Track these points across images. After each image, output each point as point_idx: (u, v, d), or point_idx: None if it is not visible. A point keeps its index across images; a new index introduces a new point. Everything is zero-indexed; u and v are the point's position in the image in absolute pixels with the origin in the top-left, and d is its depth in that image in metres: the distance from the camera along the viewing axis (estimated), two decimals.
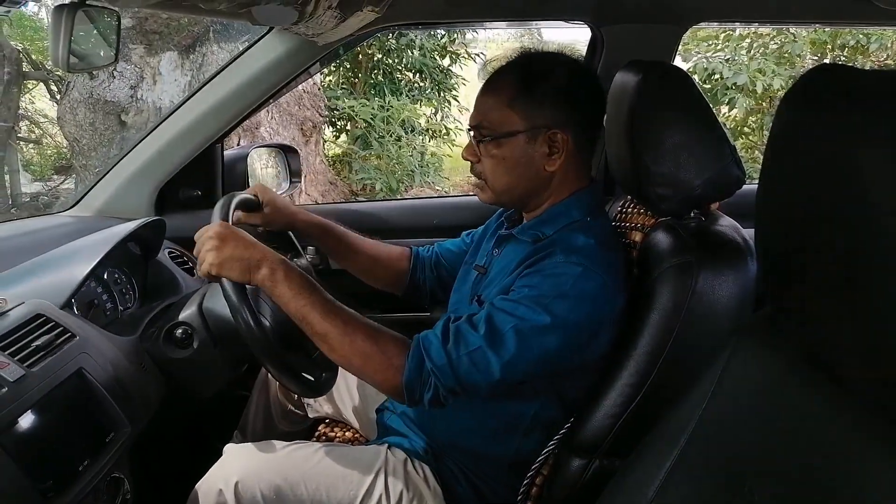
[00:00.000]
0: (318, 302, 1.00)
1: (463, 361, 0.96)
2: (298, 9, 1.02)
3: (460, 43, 6.26)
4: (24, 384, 0.82)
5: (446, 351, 0.97)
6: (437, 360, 0.97)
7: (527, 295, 0.97)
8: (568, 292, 0.96)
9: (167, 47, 3.84)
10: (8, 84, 4.86)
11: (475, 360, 0.96)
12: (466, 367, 0.96)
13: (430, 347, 0.98)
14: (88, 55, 0.91)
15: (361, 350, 0.99)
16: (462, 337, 0.97)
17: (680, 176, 1.04)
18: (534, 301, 0.96)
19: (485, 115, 1.07)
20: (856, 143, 0.50)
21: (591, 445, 1.05)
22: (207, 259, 1.00)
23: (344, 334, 0.99)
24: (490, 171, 1.08)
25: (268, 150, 1.89)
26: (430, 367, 0.97)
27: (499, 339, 0.95)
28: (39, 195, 5.46)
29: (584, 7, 1.49)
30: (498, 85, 1.07)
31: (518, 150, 1.05)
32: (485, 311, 0.99)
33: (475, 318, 0.99)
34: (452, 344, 0.97)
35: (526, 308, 0.96)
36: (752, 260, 1.01)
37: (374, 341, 0.99)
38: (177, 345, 1.10)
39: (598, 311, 0.99)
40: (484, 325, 0.97)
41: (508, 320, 0.96)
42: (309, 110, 4.64)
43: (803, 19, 1.85)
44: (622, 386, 1.02)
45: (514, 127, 1.04)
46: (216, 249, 1.00)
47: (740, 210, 1.11)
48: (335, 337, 0.99)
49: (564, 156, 1.05)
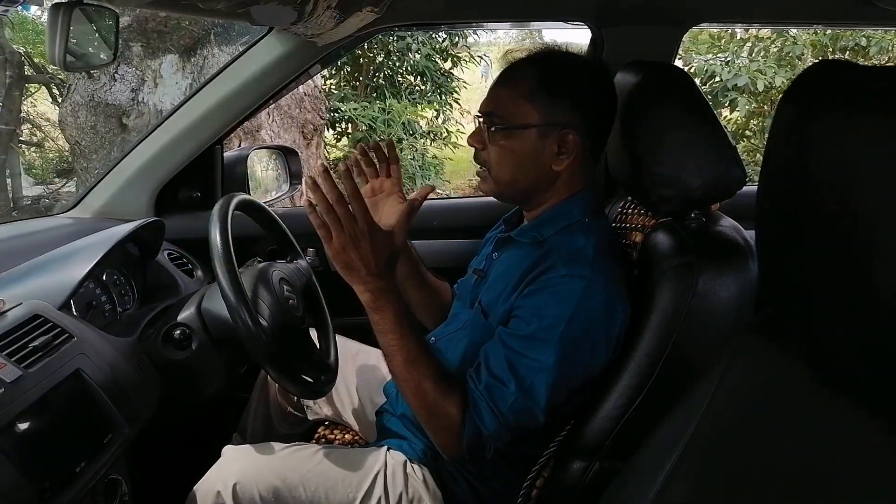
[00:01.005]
0: (406, 347, 1.00)
1: (510, 418, 0.98)
2: (297, 9, 1.02)
3: (463, 45, 6.26)
4: (21, 385, 0.81)
5: (497, 414, 0.98)
6: (491, 426, 0.98)
7: (536, 330, 0.97)
8: (574, 314, 0.97)
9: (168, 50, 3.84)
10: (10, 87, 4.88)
11: (518, 411, 0.98)
12: (514, 420, 0.99)
13: (483, 415, 0.99)
14: (86, 54, 0.91)
15: (431, 409, 1.01)
16: (497, 394, 0.98)
17: (680, 176, 1.03)
18: (546, 337, 0.97)
19: (499, 103, 1.07)
20: (856, 141, 0.49)
21: (592, 447, 1.05)
22: (341, 246, 0.95)
23: (417, 389, 1.00)
24: (496, 160, 1.08)
25: (268, 152, 1.89)
26: (487, 433, 0.99)
27: (529, 389, 0.97)
28: (41, 198, 5.46)
29: (585, 8, 1.49)
30: (518, 76, 1.07)
31: (528, 144, 1.05)
32: (501, 357, 0.99)
33: (497, 368, 0.99)
34: (500, 403, 0.98)
35: (539, 349, 0.97)
36: (752, 261, 1.01)
37: (447, 400, 1.00)
38: (175, 346, 1.09)
39: (604, 327, 1.00)
40: (509, 376, 0.98)
41: (529, 365, 0.97)
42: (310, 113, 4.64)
43: (804, 20, 1.84)
44: (622, 387, 1.02)
45: (529, 120, 1.04)
46: (356, 244, 0.95)
47: (741, 211, 1.10)
48: (409, 386, 1.01)
49: (572, 157, 1.05)
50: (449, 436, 1.01)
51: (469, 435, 0.99)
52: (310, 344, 1.20)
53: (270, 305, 1.10)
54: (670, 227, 1.07)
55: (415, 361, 1.00)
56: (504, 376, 0.98)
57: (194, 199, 1.58)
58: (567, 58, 1.09)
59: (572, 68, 1.08)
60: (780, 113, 0.58)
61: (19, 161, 5.51)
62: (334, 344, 1.30)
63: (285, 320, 1.12)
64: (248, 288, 1.09)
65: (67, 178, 5.70)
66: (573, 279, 0.98)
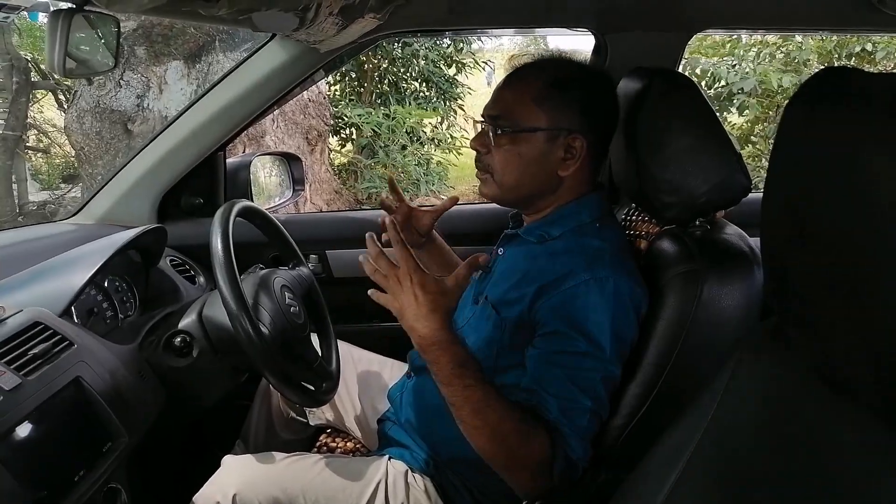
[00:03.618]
0: (471, 398, 0.93)
1: (591, 431, 0.97)
2: (299, 15, 1.02)
3: (468, 52, 6.28)
4: (20, 393, 0.81)
5: (581, 436, 0.96)
6: (580, 450, 0.95)
7: (586, 345, 0.95)
8: (612, 318, 0.96)
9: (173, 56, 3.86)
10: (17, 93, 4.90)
11: (593, 422, 0.97)
12: (593, 431, 0.97)
13: (570, 443, 0.95)
14: (87, 60, 0.91)
15: (510, 453, 0.94)
16: (575, 416, 0.95)
17: (685, 183, 1.03)
18: (592, 347, 0.95)
19: (506, 106, 1.06)
20: (863, 147, 0.48)
21: (597, 456, 1.03)
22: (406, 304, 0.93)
23: (493, 437, 0.93)
24: (501, 164, 1.06)
25: (271, 159, 1.89)
26: (577, 458, 0.95)
27: (596, 397, 0.96)
28: (47, 203, 5.49)
29: (589, 15, 1.49)
30: (526, 80, 1.06)
31: (535, 148, 1.04)
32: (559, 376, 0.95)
33: (558, 389, 0.95)
34: (577, 424, 0.95)
35: (591, 359, 0.96)
36: (758, 269, 1.00)
37: (525, 443, 0.93)
38: (176, 353, 1.09)
39: (635, 316, 1.00)
40: (576, 391, 0.95)
41: (587, 376, 0.96)
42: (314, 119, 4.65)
43: (809, 26, 1.83)
44: (627, 396, 1.01)
45: (536, 124, 1.03)
46: (416, 301, 0.92)
47: (746, 219, 1.09)
48: (482, 435, 0.94)
49: (578, 162, 1.05)
50: (536, 476, 0.94)
51: (561, 468, 0.94)
52: (311, 351, 1.19)
53: (272, 312, 1.10)
54: (675, 234, 1.06)
55: (484, 410, 0.92)
56: (572, 394, 0.95)
57: (197, 205, 1.58)
58: (573, 63, 1.09)
59: (579, 73, 1.08)
60: (786, 119, 0.57)
61: (25, 167, 5.55)
62: (336, 351, 1.29)
63: (287, 327, 1.11)
64: (250, 295, 1.09)
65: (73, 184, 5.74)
66: (598, 282, 0.97)
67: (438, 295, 0.92)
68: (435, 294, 0.92)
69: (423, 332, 0.92)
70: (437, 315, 0.92)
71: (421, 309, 0.91)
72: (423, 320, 0.91)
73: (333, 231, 1.71)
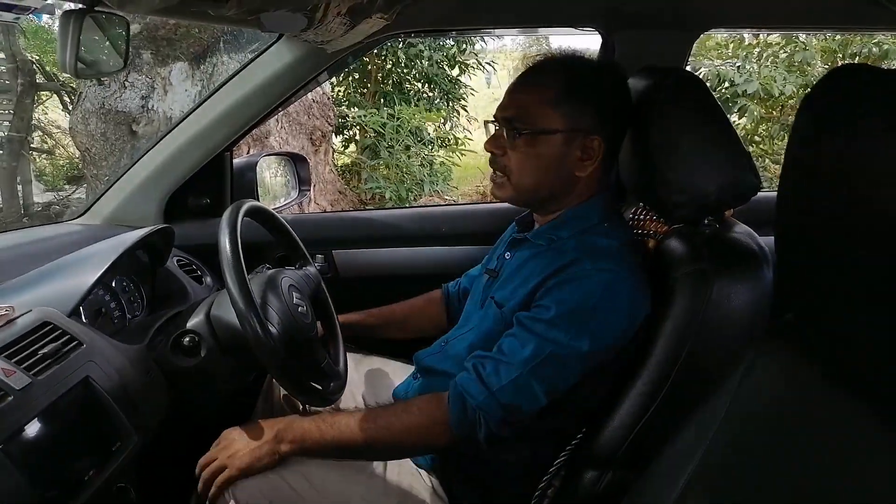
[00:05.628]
0: (345, 422, 1.03)
1: (506, 391, 0.96)
2: (307, 15, 1.02)
3: (471, 53, 6.28)
4: (30, 392, 0.81)
5: (486, 385, 0.96)
6: (479, 396, 0.96)
7: (558, 313, 0.96)
8: (599, 305, 0.96)
9: (178, 57, 3.87)
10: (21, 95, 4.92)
11: (519, 387, 0.96)
12: (510, 396, 0.96)
13: (468, 387, 0.98)
14: (97, 61, 0.91)
15: (404, 427, 1.01)
16: (500, 367, 0.97)
17: (694, 182, 1.02)
18: (566, 320, 0.96)
19: (522, 108, 1.05)
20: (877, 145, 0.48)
21: (605, 456, 1.03)
22: (224, 461, 1.02)
23: (384, 427, 1.01)
24: (518, 166, 1.06)
25: (277, 159, 1.89)
26: (475, 404, 0.97)
27: (539, 366, 0.96)
28: (51, 204, 5.50)
29: (595, 13, 1.49)
30: (542, 82, 1.06)
31: (553, 150, 1.04)
32: (517, 336, 0.98)
33: (507, 346, 0.98)
34: (492, 376, 0.97)
35: (560, 331, 0.96)
36: (768, 268, 0.99)
37: (410, 412, 1.01)
38: (184, 353, 1.09)
39: (628, 320, 0.99)
40: (521, 352, 0.96)
41: (545, 345, 0.96)
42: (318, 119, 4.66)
43: (814, 25, 1.83)
44: (636, 396, 1.01)
45: (554, 125, 1.03)
46: (228, 453, 1.03)
47: (754, 218, 1.09)
48: (378, 435, 1.01)
49: (596, 163, 1.05)
50: (438, 427, 1.00)
51: (455, 410, 0.98)
52: (319, 351, 1.19)
53: (280, 312, 1.10)
54: (684, 233, 1.06)
55: (360, 419, 1.02)
56: (511, 354, 0.97)
57: (203, 205, 1.58)
58: (589, 62, 1.09)
59: (595, 73, 1.07)
60: (801, 117, 0.57)
61: (30, 168, 5.56)
62: (343, 351, 1.29)
63: (295, 327, 1.11)
64: (258, 295, 1.08)
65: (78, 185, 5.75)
66: (601, 272, 0.97)
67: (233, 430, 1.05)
68: (232, 432, 1.05)
69: (268, 439, 1.02)
70: (258, 424, 1.04)
71: (244, 442, 1.02)
72: (253, 444, 1.02)
73: (339, 231, 1.71)
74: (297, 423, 1.04)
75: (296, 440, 1.02)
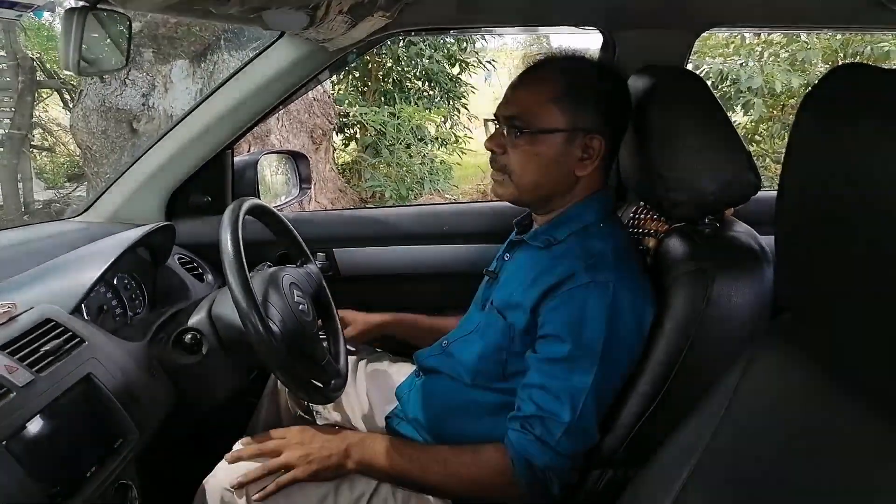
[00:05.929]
0: (416, 457, 1.05)
1: (563, 443, 0.97)
2: (309, 13, 1.02)
3: (471, 51, 6.27)
4: (32, 389, 0.81)
5: (545, 443, 0.97)
6: (543, 456, 0.97)
7: (573, 351, 0.97)
8: (608, 325, 0.97)
9: (179, 55, 3.87)
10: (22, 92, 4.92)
11: (575, 435, 0.97)
12: (570, 444, 0.98)
13: (528, 448, 0.98)
14: (99, 59, 0.91)
15: (472, 480, 1.02)
16: (549, 425, 0.97)
17: (694, 181, 1.03)
18: (587, 358, 0.97)
19: (523, 107, 1.05)
20: (878, 144, 0.48)
21: (605, 455, 1.04)
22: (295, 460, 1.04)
23: (454, 475, 1.02)
24: (518, 165, 1.06)
25: (277, 157, 1.89)
26: (542, 465, 0.97)
27: (582, 412, 0.97)
28: (52, 202, 5.51)
29: (596, 12, 1.48)
30: (543, 80, 1.06)
31: (554, 149, 1.04)
32: (548, 390, 0.98)
33: (541, 400, 0.98)
34: (546, 434, 0.97)
35: (585, 374, 0.97)
36: (768, 266, 1.00)
37: (479, 464, 1.01)
38: (186, 350, 1.09)
39: (636, 326, 1.00)
40: (561, 407, 0.97)
41: (579, 396, 0.97)
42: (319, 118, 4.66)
43: (817, 24, 1.83)
44: (636, 395, 1.01)
45: (555, 124, 1.03)
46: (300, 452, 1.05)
47: (755, 217, 1.09)
48: (446, 484, 1.03)
49: (596, 162, 1.05)
50: (504, 481, 0.99)
51: (523, 474, 0.98)
52: (320, 349, 1.19)
53: (281, 310, 1.10)
54: (684, 232, 1.06)
55: (428, 462, 1.03)
56: (553, 407, 0.97)
57: (205, 203, 1.58)
58: (589, 62, 1.09)
59: (596, 73, 1.07)
60: (801, 116, 0.57)
61: (31, 165, 5.56)
62: (345, 349, 1.29)
63: (296, 325, 1.12)
64: (259, 292, 1.09)
65: (78, 183, 5.76)
66: (598, 286, 0.97)
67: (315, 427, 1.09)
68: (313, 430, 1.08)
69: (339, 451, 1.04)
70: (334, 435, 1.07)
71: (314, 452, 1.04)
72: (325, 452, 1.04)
73: (341, 229, 1.71)
74: (370, 443, 1.06)
75: (363, 461, 1.04)
